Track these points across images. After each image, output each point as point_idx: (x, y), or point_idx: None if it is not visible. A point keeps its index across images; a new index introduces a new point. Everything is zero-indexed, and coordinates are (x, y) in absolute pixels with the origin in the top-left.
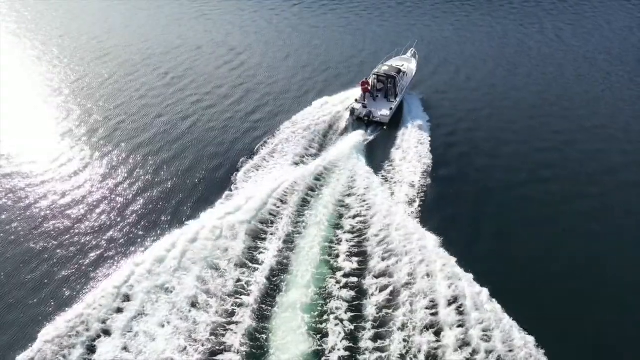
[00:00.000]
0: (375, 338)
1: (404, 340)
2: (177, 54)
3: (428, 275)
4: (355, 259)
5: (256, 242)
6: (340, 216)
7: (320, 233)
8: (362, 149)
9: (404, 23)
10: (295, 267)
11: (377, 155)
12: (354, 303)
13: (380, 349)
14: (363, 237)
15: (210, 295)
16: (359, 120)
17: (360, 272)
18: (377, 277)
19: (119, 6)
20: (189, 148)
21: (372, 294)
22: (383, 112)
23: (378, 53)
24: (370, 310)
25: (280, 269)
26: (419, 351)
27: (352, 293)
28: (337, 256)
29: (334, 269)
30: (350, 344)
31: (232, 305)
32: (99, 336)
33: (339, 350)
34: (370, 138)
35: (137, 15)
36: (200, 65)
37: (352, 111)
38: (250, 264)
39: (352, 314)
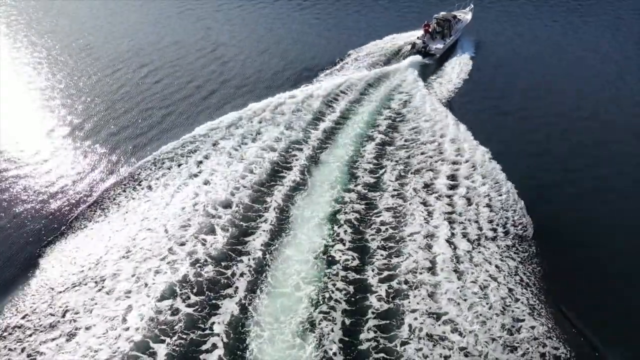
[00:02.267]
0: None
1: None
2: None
3: (442, 136)
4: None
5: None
6: (389, 102)
7: (367, 115)
8: (417, 67)
9: None
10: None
11: (426, 72)
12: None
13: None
14: (399, 120)
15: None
16: (418, 53)
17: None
18: (406, 140)
19: (110, 3)
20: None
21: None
22: (437, 45)
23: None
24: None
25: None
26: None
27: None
28: (378, 126)
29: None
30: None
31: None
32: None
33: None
34: (425, 62)
35: (128, 13)
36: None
37: (413, 45)
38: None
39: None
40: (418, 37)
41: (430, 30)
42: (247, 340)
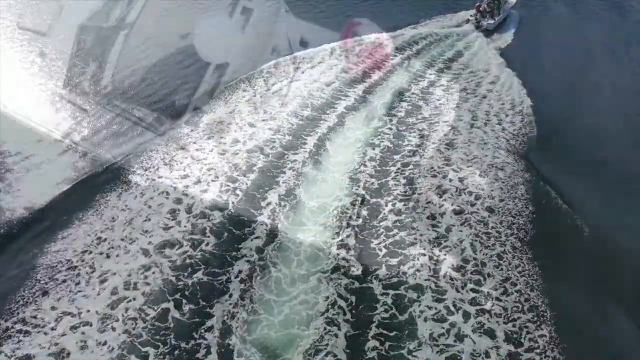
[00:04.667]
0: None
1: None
2: None
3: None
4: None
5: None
6: (455, 47)
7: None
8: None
9: None
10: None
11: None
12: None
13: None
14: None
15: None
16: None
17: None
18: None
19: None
20: None
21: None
22: (489, 21)
23: None
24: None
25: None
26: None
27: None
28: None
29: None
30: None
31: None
32: None
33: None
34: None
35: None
36: None
37: (467, 21)
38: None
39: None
40: (471, 15)
41: (481, 9)
42: (243, 346)
